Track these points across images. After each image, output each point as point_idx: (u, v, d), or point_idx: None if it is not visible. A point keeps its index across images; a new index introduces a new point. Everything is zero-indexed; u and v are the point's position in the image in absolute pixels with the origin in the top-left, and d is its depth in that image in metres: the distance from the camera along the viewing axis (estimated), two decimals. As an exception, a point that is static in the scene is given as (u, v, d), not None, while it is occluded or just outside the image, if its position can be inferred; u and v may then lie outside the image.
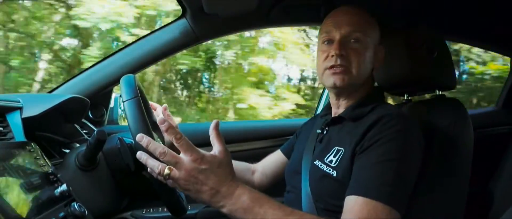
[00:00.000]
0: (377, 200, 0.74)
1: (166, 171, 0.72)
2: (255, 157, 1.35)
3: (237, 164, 1.23)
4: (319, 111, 1.79)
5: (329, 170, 0.88)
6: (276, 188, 1.23)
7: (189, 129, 1.62)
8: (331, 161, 0.89)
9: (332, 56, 0.92)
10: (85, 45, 4.19)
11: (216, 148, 0.77)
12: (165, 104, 1.18)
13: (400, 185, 0.78)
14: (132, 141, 0.85)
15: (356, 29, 0.93)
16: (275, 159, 1.26)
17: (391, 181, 0.77)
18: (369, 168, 0.79)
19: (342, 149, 0.88)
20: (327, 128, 1.00)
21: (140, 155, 0.76)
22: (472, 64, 4.32)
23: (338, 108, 1.01)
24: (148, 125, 0.84)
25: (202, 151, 0.75)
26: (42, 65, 4.28)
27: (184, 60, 4.38)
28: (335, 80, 0.92)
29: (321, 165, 0.91)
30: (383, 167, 0.78)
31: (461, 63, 4.37)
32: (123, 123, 1.61)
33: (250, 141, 1.67)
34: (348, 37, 0.93)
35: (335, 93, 0.99)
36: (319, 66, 0.97)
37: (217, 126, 0.78)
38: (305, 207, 0.92)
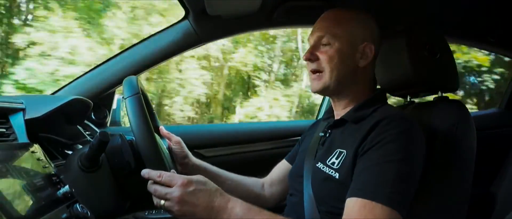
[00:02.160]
0: (376, 201, 0.74)
1: (161, 202, 0.78)
2: (261, 158, 1.35)
3: (245, 179, 1.23)
4: (320, 115, 1.79)
5: (332, 172, 0.88)
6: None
7: (181, 131, 1.61)
8: (333, 163, 0.89)
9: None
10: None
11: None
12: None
13: (401, 186, 0.77)
14: (133, 138, 0.86)
15: (324, 32, 0.94)
16: (281, 169, 1.24)
17: (391, 182, 0.76)
18: (369, 169, 0.79)
19: (345, 151, 0.88)
20: (329, 131, 1.00)
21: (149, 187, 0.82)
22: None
23: (338, 110, 1.01)
24: (148, 120, 0.85)
25: (183, 176, 0.79)
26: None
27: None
28: (311, 86, 0.97)
29: (323, 167, 0.91)
30: (383, 168, 0.78)
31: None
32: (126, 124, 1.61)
33: (256, 142, 1.67)
34: (319, 41, 0.95)
35: (324, 96, 1.01)
36: None
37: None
38: (307, 210, 0.92)
